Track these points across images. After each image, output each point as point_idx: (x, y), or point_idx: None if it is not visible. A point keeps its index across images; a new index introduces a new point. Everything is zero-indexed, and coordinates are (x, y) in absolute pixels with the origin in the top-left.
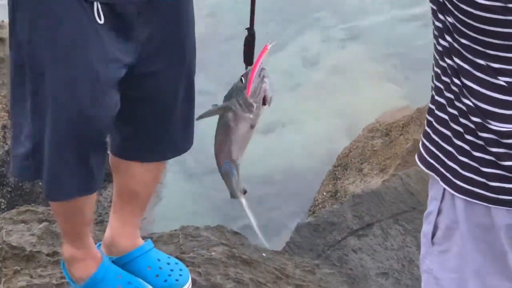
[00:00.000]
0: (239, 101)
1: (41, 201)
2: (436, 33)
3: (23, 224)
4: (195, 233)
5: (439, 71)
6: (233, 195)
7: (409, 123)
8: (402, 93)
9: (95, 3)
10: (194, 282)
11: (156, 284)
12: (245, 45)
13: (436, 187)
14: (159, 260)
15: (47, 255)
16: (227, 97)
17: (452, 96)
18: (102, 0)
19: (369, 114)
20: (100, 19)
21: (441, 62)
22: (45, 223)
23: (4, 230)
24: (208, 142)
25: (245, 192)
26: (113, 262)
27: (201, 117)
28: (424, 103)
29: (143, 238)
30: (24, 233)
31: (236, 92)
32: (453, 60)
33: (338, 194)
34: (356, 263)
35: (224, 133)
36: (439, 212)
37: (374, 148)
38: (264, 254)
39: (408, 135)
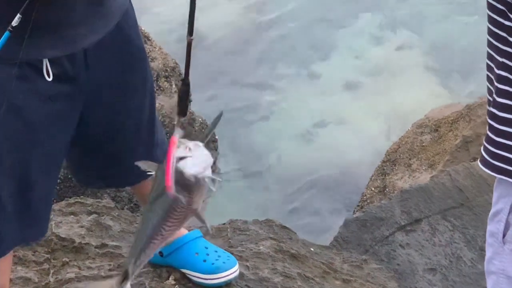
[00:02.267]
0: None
1: (90, 194)
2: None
3: (72, 216)
4: (244, 227)
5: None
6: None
7: (458, 120)
8: (451, 90)
9: (44, 61)
10: (242, 275)
11: (203, 268)
12: (179, 94)
13: (504, 186)
14: (206, 248)
15: (96, 247)
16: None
17: None
18: (55, 56)
19: (417, 110)
20: (49, 76)
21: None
22: (94, 215)
23: (54, 221)
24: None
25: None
26: (159, 252)
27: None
28: (473, 100)
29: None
30: (73, 225)
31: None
32: None
33: (387, 189)
34: (404, 259)
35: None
36: (511, 209)
37: (423, 144)
38: (312, 249)
39: (457, 132)
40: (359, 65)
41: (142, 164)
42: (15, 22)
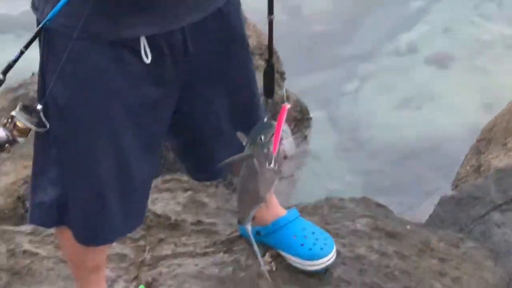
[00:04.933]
0: (259, 157)
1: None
2: None
3: (168, 192)
4: (340, 204)
5: None
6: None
7: None
8: None
9: (141, 40)
10: (338, 253)
11: (301, 253)
12: (264, 76)
13: None
14: (304, 229)
15: (192, 224)
16: (247, 148)
17: None
18: (148, 33)
19: None
20: (147, 58)
21: None
22: (189, 192)
23: (150, 198)
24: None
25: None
26: (257, 232)
27: (224, 163)
28: None
29: (288, 209)
30: (169, 201)
31: (256, 148)
32: None
33: (482, 168)
34: (500, 238)
35: (249, 175)
36: None
37: None
38: (408, 227)
39: None
40: (453, 38)
41: (241, 136)
42: None
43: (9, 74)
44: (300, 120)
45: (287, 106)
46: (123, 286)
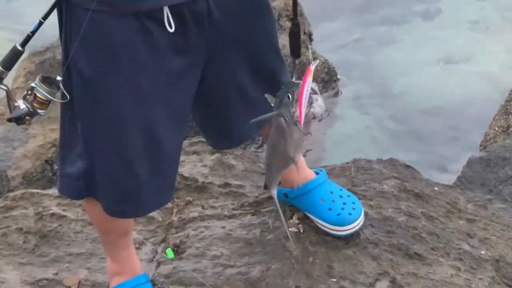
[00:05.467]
0: (287, 116)
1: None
2: None
3: (195, 155)
4: (367, 166)
5: None
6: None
7: None
8: None
9: (164, 9)
10: (366, 214)
11: (329, 218)
12: (290, 36)
13: None
14: (331, 193)
15: (219, 186)
16: (275, 108)
17: None
18: (172, 3)
19: None
20: (171, 27)
21: None
22: (217, 155)
23: None
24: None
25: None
26: (284, 194)
27: (253, 121)
28: None
29: (316, 169)
30: (196, 164)
31: (284, 107)
32: None
33: (510, 129)
34: None
35: (278, 135)
36: None
37: None
38: (436, 188)
39: None
40: (484, 1)
41: (269, 97)
42: None
43: (35, 37)
44: (328, 81)
45: (313, 65)
46: (151, 248)
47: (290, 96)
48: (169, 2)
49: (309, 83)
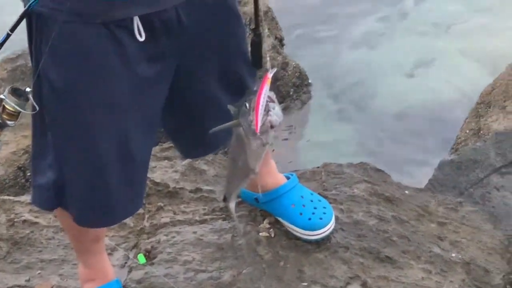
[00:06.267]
0: (245, 125)
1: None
2: None
3: (166, 161)
4: (338, 170)
5: None
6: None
7: None
8: None
9: (134, 19)
10: (336, 218)
11: (300, 222)
12: (252, 46)
13: None
14: (302, 197)
15: (190, 191)
16: (234, 117)
17: None
18: (142, 13)
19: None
20: (141, 36)
21: None
22: (188, 160)
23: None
24: (349, 79)
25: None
26: (255, 199)
27: (213, 131)
28: None
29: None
30: (168, 169)
31: (242, 116)
32: None
33: (481, 131)
34: (499, 201)
35: (237, 146)
36: None
37: None
38: (406, 192)
39: None
40: (449, 2)
41: (230, 107)
42: None
43: (7, 45)
44: (299, 86)
45: (271, 73)
46: (123, 254)
47: (247, 105)
48: (139, 12)
49: (266, 91)
